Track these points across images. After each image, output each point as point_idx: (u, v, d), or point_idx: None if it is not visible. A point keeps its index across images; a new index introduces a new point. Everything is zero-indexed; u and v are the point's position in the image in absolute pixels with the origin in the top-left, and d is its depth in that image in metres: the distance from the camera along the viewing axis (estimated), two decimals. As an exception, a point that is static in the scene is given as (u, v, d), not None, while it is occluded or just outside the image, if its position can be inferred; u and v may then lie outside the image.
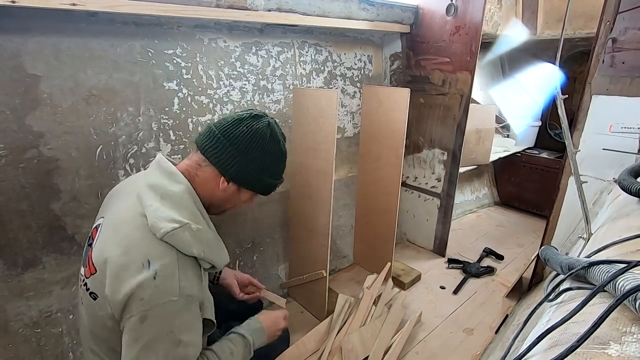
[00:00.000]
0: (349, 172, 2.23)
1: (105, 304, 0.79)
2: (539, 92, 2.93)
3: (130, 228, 0.81)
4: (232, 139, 0.91)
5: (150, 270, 0.76)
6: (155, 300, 0.75)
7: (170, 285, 0.77)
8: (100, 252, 0.82)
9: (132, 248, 0.79)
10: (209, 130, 0.93)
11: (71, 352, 1.31)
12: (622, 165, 1.26)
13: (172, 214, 0.82)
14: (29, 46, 1.15)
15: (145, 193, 0.85)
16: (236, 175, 0.93)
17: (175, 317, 0.78)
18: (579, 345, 0.46)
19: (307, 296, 1.75)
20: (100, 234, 0.86)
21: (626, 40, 1.38)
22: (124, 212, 0.86)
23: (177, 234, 0.80)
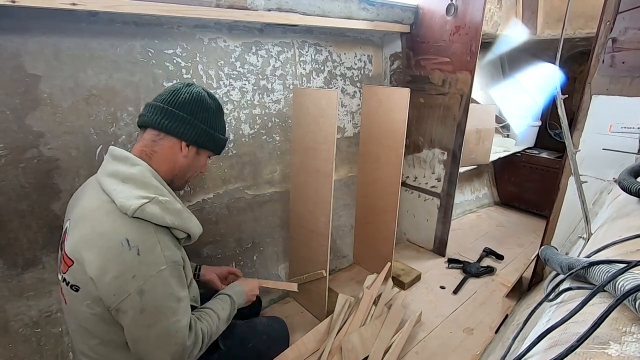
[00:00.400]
0: (349, 172, 2.23)
1: (89, 291, 0.82)
2: (539, 92, 2.93)
3: (100, 216, 0.85)
4: (179, 106, 0.96)
5: (131, 248, 0.80)
6: (147, 274, 0.81)
7: (155, 257, 0.83)
8: (73, 245, 0.85)
9: (107, 232, 0.82)
10: (152, 107, 0.97)
11: (71, 352, 1.31)
12: (622, 165, 1.26)
13: (138, 192, 0.86)
14: (29, 46, 1.15)
15: (106, 181, 0.89)
16: (193, 137, 0.98)
17: (170, 281, 0.85)
18: (579, 345, 0.46)
19: (307, 296, 1.75)
20: (70, 231, 0.89)
21: (626, 40, 1.38)
22: (88, 205, 0.89)
23: (146, 207, 0.84)
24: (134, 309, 0.82)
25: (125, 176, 0.89)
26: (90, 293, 0.83)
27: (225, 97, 1.62)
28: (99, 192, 0.89)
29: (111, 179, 0.89)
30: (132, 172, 0.89)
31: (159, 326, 0.84)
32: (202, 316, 1.02)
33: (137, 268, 0.81)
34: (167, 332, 0.86)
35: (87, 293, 0.83)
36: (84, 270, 0.82)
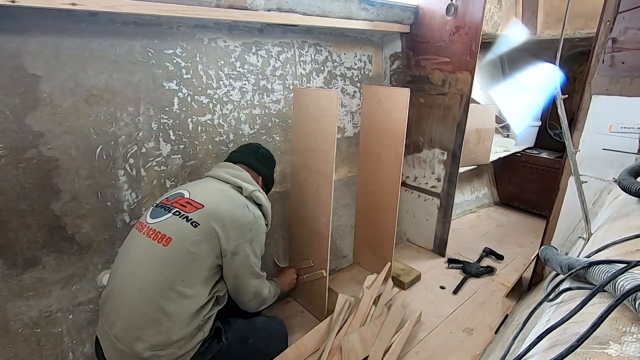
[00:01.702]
0: (349, 172, 2.23)
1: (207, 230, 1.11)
2: (539, 92, 2.93)
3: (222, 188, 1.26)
4: (262, 156, 1.48)
5: (250, 212, 1.23)
6: (257, 230, 1.25)
7: (261, 223, 1.29)
8: (204, 197, 1.18)
9: (235, 197, 1.24)
10: (243, 152, 1.45)
11: (71, 352, 1.31)
12: (622, 165, 1.26)
13: (248, 184, 1.30)
14: (29, 46, 1.15)
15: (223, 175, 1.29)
16: (265, 178, 1.49)
17: (263, 240, 1.30)
18: (579, 345, 0.46)
19: (307, 296, 1.75)
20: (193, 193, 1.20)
21: (626, 40, 1.38)
22: (207, 184, 1.28)
23: (257, 192, 1.30)
24: (244, 252, 1.19)
25: (238, 175, 1.30)
26: (209, 232, 1.11)
27: (225, 97, 1.62)
28: (215, 180, 1.29)
29: (227, 175, 1.29)
30: (241, 174, 1.32)
31: (252, 268, 1.24)
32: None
33: (252, 224, 1.22)
34: (255, 272, 1.26)
35: (206, 231, 1.11)
36: (214, 216, 1.14)
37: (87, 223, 1.35)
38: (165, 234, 1.10)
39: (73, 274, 1.35)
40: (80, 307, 1.35)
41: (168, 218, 1.13)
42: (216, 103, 1.60)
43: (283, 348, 1.38)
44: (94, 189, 1.35)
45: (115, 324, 1.05)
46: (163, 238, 1.09)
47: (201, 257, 1.10)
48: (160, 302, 1.04)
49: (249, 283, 1.25)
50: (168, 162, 1.52)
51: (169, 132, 1.49)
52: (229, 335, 1.20)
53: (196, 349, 1.13)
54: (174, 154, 1.53)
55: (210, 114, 1.60)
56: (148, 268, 1.07)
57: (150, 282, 1.05)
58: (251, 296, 1.28)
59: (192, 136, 1.56)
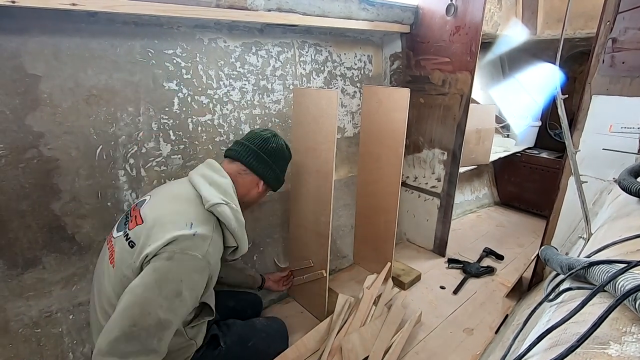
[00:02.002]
0: (349, 172, 2.23)
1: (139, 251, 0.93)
2: (539, 92, 2.93)
3: (182, 199, 1.04)
4: (269, 153, 1.21)
5: (191, 229, 0.95)
6: (186, 249, 0.92)
7: (201, 245, 0.95)
8: (152, 209, 1.01)
9: (182, 211, 1.00)
10: (245, 147, 1.20)
11: (71, 352, 1.30)
12: (622, 165, 1.26)
13: (220, 195, 1.05)
14: (29, 46, 1.15)
15: (197, 178, 1.09)
16: (270, 180, 1.24)
17: (191, 272, 0.93)
18: (579, 345, 0.46)
19: (307, 296, 1.75)
20: (150, 201, 1.06)
21: (626, 40, 1.38)
22: (175, 189, 1.10)
23: (222, 207, 1.03)
24: (153, 265, 0.90)
25: (213, 181, 1.08)
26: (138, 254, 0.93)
27: (225, 97, 1.62)
28: (187, 185, 1.10)
29: (201, 178, 1.09)
30: (220, 180, 1.10)
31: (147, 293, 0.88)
32: None
33: (184, 242, 0.93)
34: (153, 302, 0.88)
35: (136, 253, 0.94)
36: (146, 233, 0.94)
37: (87, 223, 1.35)
38: (114, 253, 1.00)
39: (73, 274, 1.34)
40: (81, 307, 1.35)
41: (119, 236, 1.02)
42: (216, 103, 1.60)
43: (283, 348, 1.38)
44: (94, 189, 1.35)
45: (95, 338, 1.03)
46: (112, 258, 1.00)
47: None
48: None
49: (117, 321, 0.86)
50: (168, 162, 1.52)
51: (169, 132, 1.49)
52: (227, 339, 1.18)
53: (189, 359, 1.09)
54: (174, 154, 1.53)
55: (211, 114, 1.60)
56: (105, 289, 1.00)
57: (110, 305, 0.97)
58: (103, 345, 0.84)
59: (192, 136, 1.56)
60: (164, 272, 0.89)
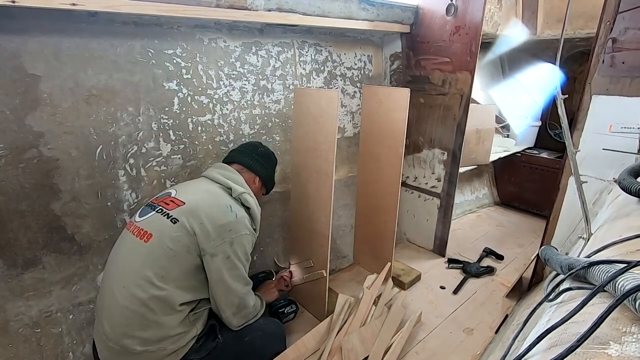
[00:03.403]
0: (349, 172, 2.23)
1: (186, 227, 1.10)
2: (539, 92, 2.93)
3: (213, 188, 1.24)
4: (260, 155, 1.44)
5: (232, 212, 1.19)
6: (239, 231, 1.18)
7: (244, 224, 1.22)
8: (189, 196, 1.18)
9: (219, 196, 1.22)
10: (240, 151, 1.42)
11: (71, 352, 1.31)
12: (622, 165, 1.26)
13: (239, 187, 1.28)
14: (29, 46, 1.15)
15: (217, 176, 1.28)
16: (263, 177, 1.44)
17: (247, 243, 1.23)
18: (579, 345, 0.46)
19: (307, 296, 1.75)
20: (183, 192, 1.21)
21: (626, 40, 1.38)
22: (197, 184, 1.28)
23: (246, 195, 1.28)
24: (224, 254, 1.14)
25: (230, 177, 1.29)
26: (187, 229, 1.10)
27: (225, 97, 1.62)
28: (207, 180, 1.28)
29: (220, 176, 1.28)
30: (235, 176, 1.31)
31: (236, 272, 1.18)
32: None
33: (233, 224, 1.17)
34: (240, 276, 1.20)
35: (185, 228, 1.10)
36: (194, 214, 1.12)
37: (87, 223, 1.35)
38: (147, 230, 1.11)
39: (73, 274, 1.35)
40: (80, 307, 1.35)
41: (151, 216, 1.14)
42: (216, 103, 1.60)
43: (280, 349, 1.37)
44: (94, 189, 1.35)
45: (105, 322, 1.06)
46: (145, 235, 1.10)
47: (180, 254, 1.09)
48: (142, 298, 1.04)
49: (233, 289, 1.17)
50: (168, 162, 1.52)
51: (169, 132, 1.49)
52: (224, 332, 1.21)
53: (190, 345, 1.13)
54: (174, 154, 1.53)
55: (211, 114, 1.60)
56: (131, 264, 1.08)
57: (133, 278, 1.06)
58: (235, 308, 1.19)
59: (192, 136, 1.56)
60: (234, 254, 1.16)
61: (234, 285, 1.17)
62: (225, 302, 1.17)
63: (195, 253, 1.11)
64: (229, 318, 1.19)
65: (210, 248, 1.11)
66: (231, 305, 1.18)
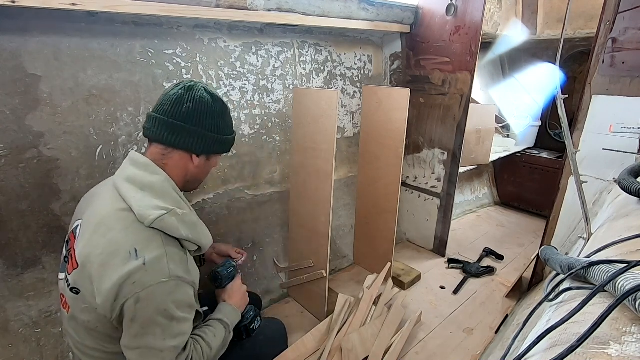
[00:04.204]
0: (349, 172, 2.23)
1: (88, 296, 0.82)
2: (539, 92, 2.93)
3: (113, 221, 0.84)
4: (184, 118, 0.91)
5: (138, 258, 0.79)
6: (147, 283, 0.79)
7: (159, 268, 0.81)
8: (83, 248, 0.85)
9: (117, 239, 0.81)
10: (155, 120, 0.92)
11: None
12: (622, 165, 1.26)
13: (156, 202, 0.86)
14: (29, 46, 1.15)
15: (124, 186, 0.87)
16: (203, 148, 0.96)
17: (168, 296, 0.82)
18: (579, 345, 0.46)
19: (307, 296, 1.75)
20: (81, 233, 0.88)
21: (626, 40, 1.38)
22: (103, 208, 0.88)
23: (165, 219, 0.84)
24: (128, 316, 0.80)
25: (144, 184, 0.88)
26: (88, 299, 0.82)
27: (225, 97, 1.62)
28: (116, 197, 0.88)
29: (129, 184, 0.88)
30: (151, 180, 0.89)
31: (145, 340, 0.81)
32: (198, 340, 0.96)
33: (138, 275, 0.79)
34: (153, 348, 0.82)
35: (85, 298, 0.83)
36: (87, 277, 0.82)
37: (87, 223, 1.35)
38: (64, 298, 0.92)
39: (73, 274, 1.34)
40: (80, 307, 1.35)
41: (62, 279, 0.92)
42: (216, 103, 1.60)
43: (282, 349, 1.37)
44: (94, 189, 1.35)
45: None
46: (65, 305, 0.92)
47: (103, 323, 0.84)
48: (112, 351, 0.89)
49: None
50: (168, 162, 1.51)
51: (169, 132, 1.49)
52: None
53: None
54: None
55: (210, 114, 1.59)
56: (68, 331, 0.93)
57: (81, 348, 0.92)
58: None
59: (192, 136, 1.56)
60: (142, 316, 0.80)
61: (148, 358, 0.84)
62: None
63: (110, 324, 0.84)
64: None
65: (116, 311, 0.80)
66: None
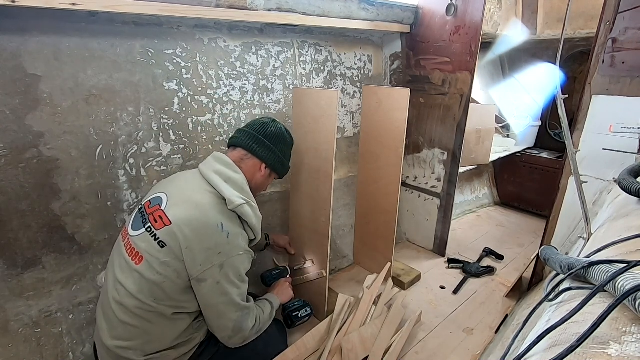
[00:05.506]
0: (349, 172, 2.23)
1: (175, 250, 1.02)
2: (539, 92, 2.93)
3: (204, 199, 1.08)
4: (268, 137, 1.26)
5: (223, 232, 1.05)
6: (230, 253, 1.06)
7: (237, 244, 1.09)
8: (178, 212, 1.05)
9: (209, 213, 1.06)
10: (245, 133, 1.26)
11: (71, 352, 1.31)
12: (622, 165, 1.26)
13: (238, 193, 1.13)
14: (29, 46, 1.15)
15: (212, 176, 1.13)
16: (271, 163, 1.28)
17: (242, 265, 1.10)
18: (579, 345, 0.46)
19: (307, 296, 1.75)
20: (171, 201, 1.09)
21: (626, 40, 1.38)
22: (191, 188, 1.13)
23: (244, 207, 1.12)
24: (213, 279, 1.03)
25: (228, 177, 1.14)
26: (173, 253, 1.01)
27: (225, 97, 1.62)
28: (203, 182, 1.13)
29: (216, 175, 1.13)
30: (234, 176, 1.16)
31: (227, 297, 1.06)
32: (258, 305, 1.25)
33: (224, 247, 1.05)
34: (232, 302, 1.08)
35: (169, 252, 1.01)
36: (180, 236, 1.01)
37: (87, 223, 1.35)
38: (138, 251, 1.05)
39: (73, 274, 1.34)
40: (81, 307, 1.35)
41: (142, 234, 1.07)
42: (216, 103, 1.60)
43: (282, 349, 1.38)
44: (94, 189, 1.35)
45: (105, 333, 1.06)
46: (136, 256, 1.05)
47: (170, 278, 1.03)
48: (141, 315, 1.03)
49: (225, 316, 1.09)
50: (168, 162, 1.52)
51: (169, 132, 1.49)
52: None
53: (193, 351, 1.14)
54: (174, 154, 1.53)
55: (211, 114, 1.60)
56: (125, 285, 1.04)
57: (128, 299, 1.03)
58: (229, 332, 1.10)
59: (192, 136, 1.56)
60: (225, 278, 1.05)
61: (228, 312, 1.08)
62: (218, 325, 1.10)
63: (185, 277, 1.04)
64: (225, 340, 1.13)
65: (197, 273, 1.02)
66: (225, 329, 1.10)
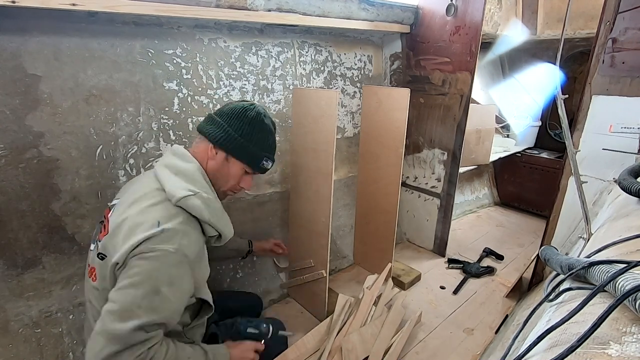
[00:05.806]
0: (349, 172, 2.23)
1: (110, 261, 0.89)
2: (539, 92, 2.93)
3: (148, 198, 0.96)
4: (221, 114, 1.09)
5: (158, 228, 0.89)
6: (155, 246, 0.87)
7: (171, 239, 0.89)
8: (117, 217, 0.95)
9: (147, 211, 0.92)
10: (211, 120, 1.10)
11: (71, 352, 1.30)
12: (622, 165, 1.26)
13: (186, 185, 0.97)
14: (29, 46, 1.15)
15: (161, 171, 1.01)
16: (220, 141, 1.06)
17: (166, 268, 0.88)
18: (579, 345, 0.46)
19: (307, 296, 1.75)
20: (118, 207, 0.99)
21: (626, 40, 1.38)
22: (141, 188, 1.00)
23: (190, 199, 0.95)
24: (126, 270, 0.87)
25: (178, 169, 1.00)
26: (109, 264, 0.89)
27: (225, 97, 1.62)
28: (152, 179, 1.01)
29: (165, 169, 1.01)
30: (185, 167, 1.01)
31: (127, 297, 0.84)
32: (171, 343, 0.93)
33: (152, 240, 0.87)
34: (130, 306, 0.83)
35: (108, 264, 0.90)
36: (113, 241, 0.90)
37: (87, 223, 1.35)
38: (93, 267, 0.98)
39: (73, 274, 1.34)
40: (80, 307, 1.35)
41: (93, 249, 1.00)
42: (216, 103, 1.60)
43: (282, 349, 1.38)
44: (94, 189, 1.35)
45: None
46: (92, 272, 0.99)
47: None
48: None
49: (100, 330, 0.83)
50: (168, 162, 1.51)
51: (169, 132, 1.49)
52: (225, 337, 1.19)
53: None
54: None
55: (210, 114, 1.60)
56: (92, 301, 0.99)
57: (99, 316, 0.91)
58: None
59: (192, 136, 1.56)
60: (137, 273, 0.85)
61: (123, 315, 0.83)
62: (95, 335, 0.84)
63: None
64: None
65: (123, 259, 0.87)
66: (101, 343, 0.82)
